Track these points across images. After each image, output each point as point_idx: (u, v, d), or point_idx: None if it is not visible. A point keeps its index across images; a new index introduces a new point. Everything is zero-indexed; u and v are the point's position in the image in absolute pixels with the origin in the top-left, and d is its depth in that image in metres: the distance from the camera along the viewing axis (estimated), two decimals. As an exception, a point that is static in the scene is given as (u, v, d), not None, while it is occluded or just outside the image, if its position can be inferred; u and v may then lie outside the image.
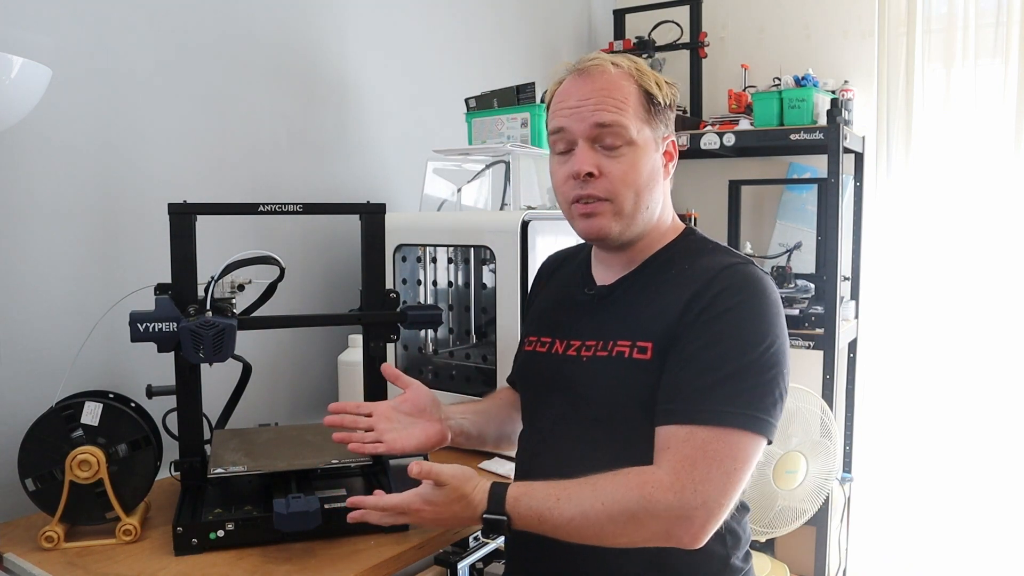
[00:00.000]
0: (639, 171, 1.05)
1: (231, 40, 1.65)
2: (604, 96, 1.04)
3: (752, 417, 0.95)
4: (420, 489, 1.00)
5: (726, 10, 2.82)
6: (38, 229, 1.35)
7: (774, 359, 0.98)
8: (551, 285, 1.27)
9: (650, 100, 1.06)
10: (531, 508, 0.96)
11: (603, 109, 1.04)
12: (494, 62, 2.41)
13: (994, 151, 2.40)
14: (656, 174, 1.08)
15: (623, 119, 1.03)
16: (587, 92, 1.05)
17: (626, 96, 1.05)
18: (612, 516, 0.92)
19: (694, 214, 2.60)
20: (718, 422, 0.94)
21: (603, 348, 1.07)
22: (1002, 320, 2.43)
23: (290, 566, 1.09)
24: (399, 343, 1.67)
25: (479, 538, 1.63)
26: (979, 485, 2.50)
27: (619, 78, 1.06)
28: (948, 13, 2.45)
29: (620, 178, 1.04)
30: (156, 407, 1.30)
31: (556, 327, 1.17)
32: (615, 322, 1.09)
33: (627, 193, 1.05)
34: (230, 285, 1.29)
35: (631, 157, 1.04)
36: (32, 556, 1.13)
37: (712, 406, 0.94)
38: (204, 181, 1.60)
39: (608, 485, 0.94)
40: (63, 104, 1.36)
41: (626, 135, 1.04)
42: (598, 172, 1.05)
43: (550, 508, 0.95)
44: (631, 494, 0.92)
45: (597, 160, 1.05)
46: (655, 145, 1.07)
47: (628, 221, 1.07)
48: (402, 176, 2.07)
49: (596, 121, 1.04)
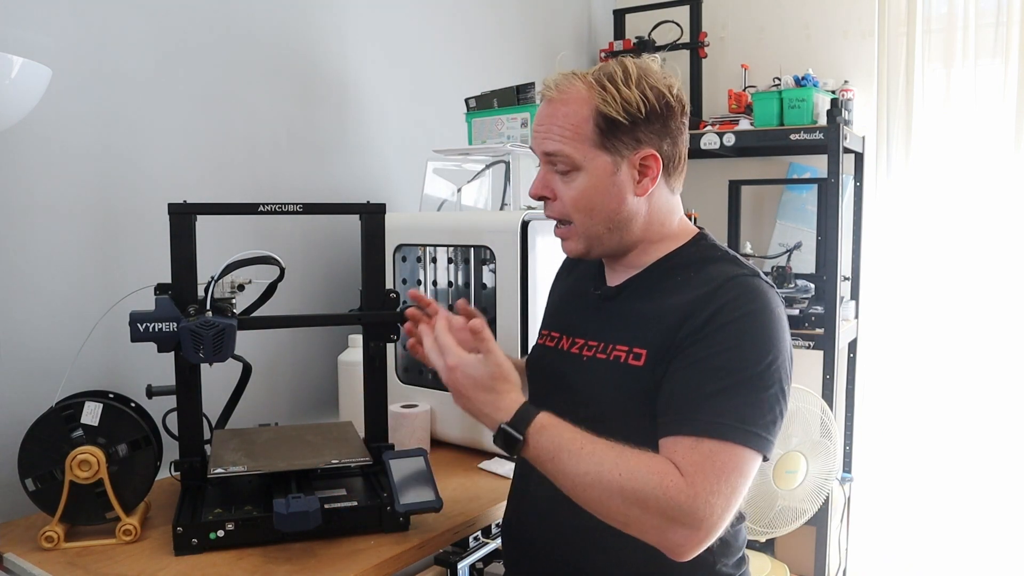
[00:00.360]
0: (588, 196, 1.05)
1: (231, 40, 1.65)
2: (551, 124, 1.05)
3: (754, 434, 0.93)
4: (470, 355, 0.99)
5: (726, 10, 2.82)
6: (38, 229, 1.35)
7: (776, 375, 0.96)
8: (570, 279, 1.27)
9: (607, 122, 1.03)
10: (552, 441, 0.94)
11: (548, 138, 1.06)
12: (494, 62, 2.41)
13: (994, 151, 2.40)
14: (615, 195, 1.05)
15: (565, 148, 1.04)
16: (541, 119, 1.08)
17: (576, 123, 1.04)
18: (624, 489, 0.90)
19: (694, 214, 2.60)
20: (722, 435, 0.92)
21: (603, 350, 1.07)
22: (1002, 320, 2.43)
23: (290, 566, 1.09)
24: (399, 343, 1.67)
25: (479, 538, 1.63)
26: (979, 485, 2.50)
27: (572, 104, 1.04)
28: (948, 13, 2.45)
29: (570, 202, 1.07)
30: (156, 407, 1.30)
31: (566, 323, 1.18)
32: (617, 325, 1.09)
33: (579, 216, 1.07)
34: (230, 285, 1.29)
35: (580, 183, 1.05)
36: (32, 556, 1.13)
37: (715, 419, 0.93)
38: (204, 181, 1.60)
39: (633, 459, 0.92)
40: (63, 104, 1.36)
41: (570, 163, 1.05)
42: (552, 195, 1.08)
43: (571, 452, 0.93)
44: (651, 478, 0.90)
45: (551, 183, 1.08)
46: (613, 167, 1.05)
47: (594, 240, 1.09)
48: (402, 176, 2.07)
49: (543, 150, 1.07)
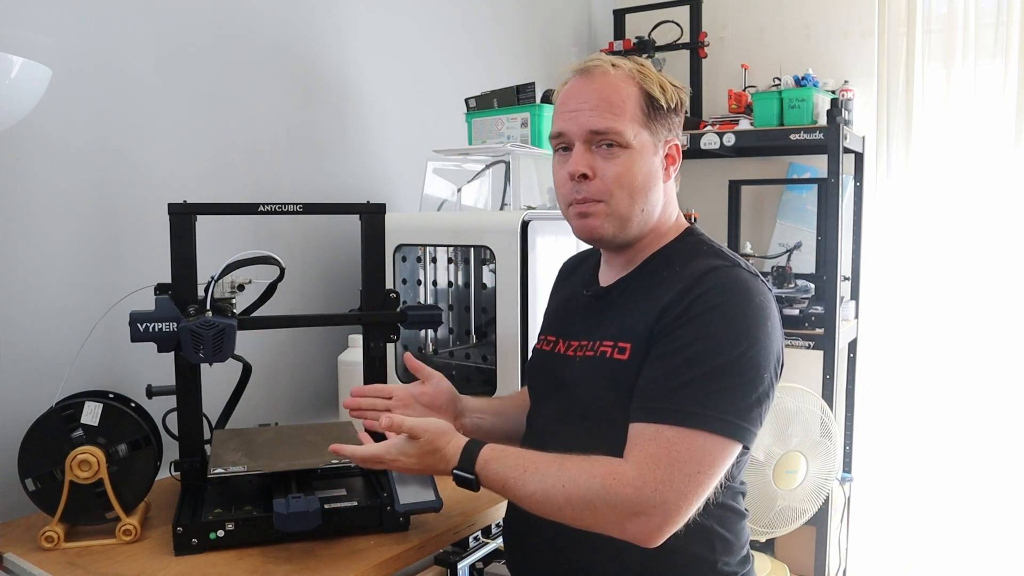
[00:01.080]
0: (634, 174, 1.05)
1: (231, 40, 1.65)
2: (601, 100, 1.04)
3: (721, 420, 0.93)
4: (395, 440, 1.05)
5: (726, 10, 2.82)
6: (38, 229, 1.35)
7: (753, 362, 0.95)
8: (566, 285, 1.28)
9: (651, 103, 1.05)
10: (498, 473, 0.99)
11: (598, 115, 1.04)
12: (494, 62, 2.41)
13: (994, 151, 2.40)
14: (654, 177, 1.07)
15: (617, 125, 1.03)
16: (585, 95, 1.05)
17: (624, 99, 1.04)
18: (570, 499, 0.93)
19: (694, 214, 2.60)
20: (684, 423, 0.92)
21: (591, 348, 1.08)
22: (1002, 320, 2.43)
23: (290, 566, 1.09)
24: (399, 343, 1.67)
25: (479, 538, 1.63)
26: (979, 485, 2.50)
27: (619, 80, 1.05)
28: (948, 13, 2.45)
29: (614, 180, 1.04)
30: (156, 407, 1.30)
31: (562, 327, 1.19)
32: (606, 323, 1.09)
33: (620, 195, 1.05)
34: (230, 285, 1.29)
35: (626, 160, 1.04)
36: (32, 556, 1.13)
37: (679, 407, 0.93)
38: (204, 181, 1.60)
39: (573, 467, 0.95)
40: (63, 104, 1.36)
41: (621, 139, 1.04)
42: (592, 174, 1.05)
43: (515, 478, 0.97)
44: (593, 481, 0.93)
45: (592, 161, 1.05)
46: (653, 149, 1.07)
47: (622, 223, 1.07)
48: (402, 176, 2.07)
49: (591, 128, 1.04)
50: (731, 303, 0.98)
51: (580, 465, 0.95)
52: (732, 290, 0.99)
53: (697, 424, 0.92)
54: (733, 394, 0.94)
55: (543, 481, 0.95)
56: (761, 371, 0.96)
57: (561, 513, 0.95)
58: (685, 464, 0.91)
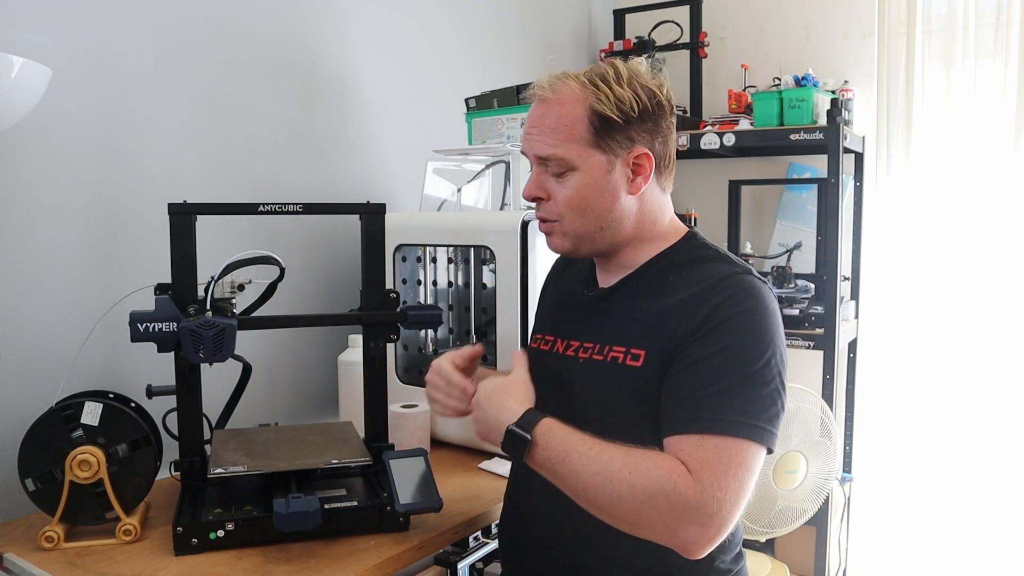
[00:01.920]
0: (583, 195, 1.06)
1: (231, 40, 1.65)
2: (545, 128, 1.06)
3: (758, 428, 0.93)
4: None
5: (726, 10, 2.82)
6: (38, 229, 1.35)
7: (775, 371, 0.97)
8: (560, 283, 1.28)
9: (603, 122, 1.04)
10: (561, 442, 0.94)
11: (542, 141, 1.06)
12: (494, 62, 2.41)
13: (994, 151, 2.40)
14: (610, 194, 1.06)
15: (559, 151, 1.05)
16: (534, 121, 1.08)
17: (570, 124, 1.04)
18: (634, 488, 0.90)
19: (694, 214, 2.60)
20: (727, 431, 0.92)
21: (599, 352, 1.07)
22: (1002, 320, 2.43)
23: (290, 566, 1.09)
24: (399, 343, 1.67)
25: (479, 538, 1.63)
26: (979, 485, 2.50)
27: (566, 104, 1.05)
28: (948, 13, 2.45)
29: (564, 202, 1.07)
30: (156, 407, 1.30)
31: (559, 326, 1.18)
32: (612, 326, 1.09)
33: (572, 216, 1.07)
34: (230, 285, 1.29)
35: (575, 182, 1.06)
36: (32, 556, 1.13)
37: (720, 415, 0.93)
38: (204, 181, 1.60)
39: (641, 457, 0.92)
40: (63, 104, 1.36)
41: (566, 164, 1.05)
42: (546, 196, 1.09)
43: (580, 453, 0.93)
44: (660, 474, 0.90)
45: (545, 183, 1.08)
46: (607, 167, 1.05)
47: (579, 240, 1.09)
48: (402, 176, 2.07)
49: (536, 154, 1.07)
50: (752, 311, 0.99)
51: (648, 456, 0.92)
52: (751, 297, 1.00)
53: (740, 432, 0.92)
54: (764, 401, 0.95)
55: (609, 463, 0.92)
56: (782, 377, 0.99)
57: (618, 503, 0.91)
58: (736, 471, 0.91)
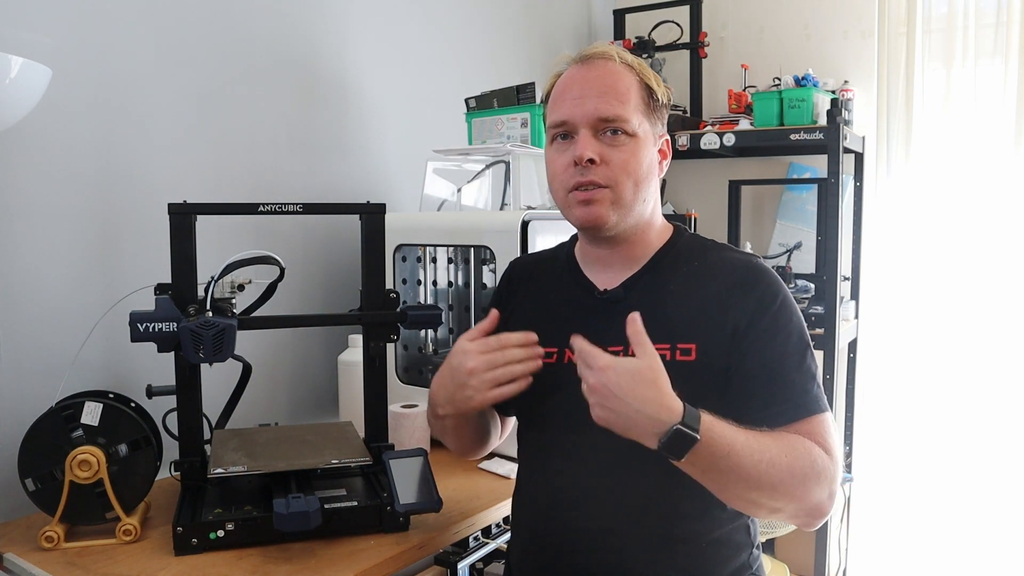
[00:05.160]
0: (639, 161, 1.05)
1: (231, 40, 1.64)
2: (607, 88, 1.04)
3: (824, 399, 1.01)
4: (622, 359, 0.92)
5: (726, 10, 2.82)
6: (38, 229, 1.35)
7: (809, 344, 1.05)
8: (532, 292, 1.19)
9: (650, 95, 1.07)
10: (724, 436, 0.91)
11: (605, 102, 1.03)
12: (494, 62, 2.41)
13: (994, 151, 2.40)
14: (653, 168, 1.09)
15: (625, 112, 1.04)
16: (591, 83, 1.05)
17: (628, 88, 1.05)
18: (793, 470, 0.93)
19: (694, 214, 2.60)
20: (819, 408, 1.00)
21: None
22: (1002, 320, 2.43)
23: (290, 566, 1.09)
24: (399, 343, 1.67)
25: (479, 538, 1.63)
26: (979, 485, 2.50)
27: (622, 69, 1.07)
28: (948, 13, 2.45)
29: (621, 166, 1.03)
30: (156, 407, 1.30)
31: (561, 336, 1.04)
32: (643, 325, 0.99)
33: (627, 182, 1.04)
34: (230, 285, 1.29)
35: (632, 148, 1.05)
36: (32, 556, 1.13)
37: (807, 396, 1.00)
38: (204, 181, 1.60)
39: (788, 440, 0.96)
40: (63, 104, 1.36)
41: (628, 127, 1.04)
42: (600, 159, 1.03)
43: (742, 444, 0.91)
44: (808, 455, 0.95)
45: (599, 148, 1.04)
46: (653, 140, 1.09)
47: (625, 211, 1.05)
48: (402, 176, 2.07)
49: (599, 115, 1.03)
50: (787, 294, 1.05)
51: (790, 439, 0.96)
52: (778, 281, 1.06)
53: (822, 407, 1.00)
54: (817, 374, 1.03)
55: (768, 451, 0.92)
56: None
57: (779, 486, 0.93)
58: (837, 441, 1.00)
